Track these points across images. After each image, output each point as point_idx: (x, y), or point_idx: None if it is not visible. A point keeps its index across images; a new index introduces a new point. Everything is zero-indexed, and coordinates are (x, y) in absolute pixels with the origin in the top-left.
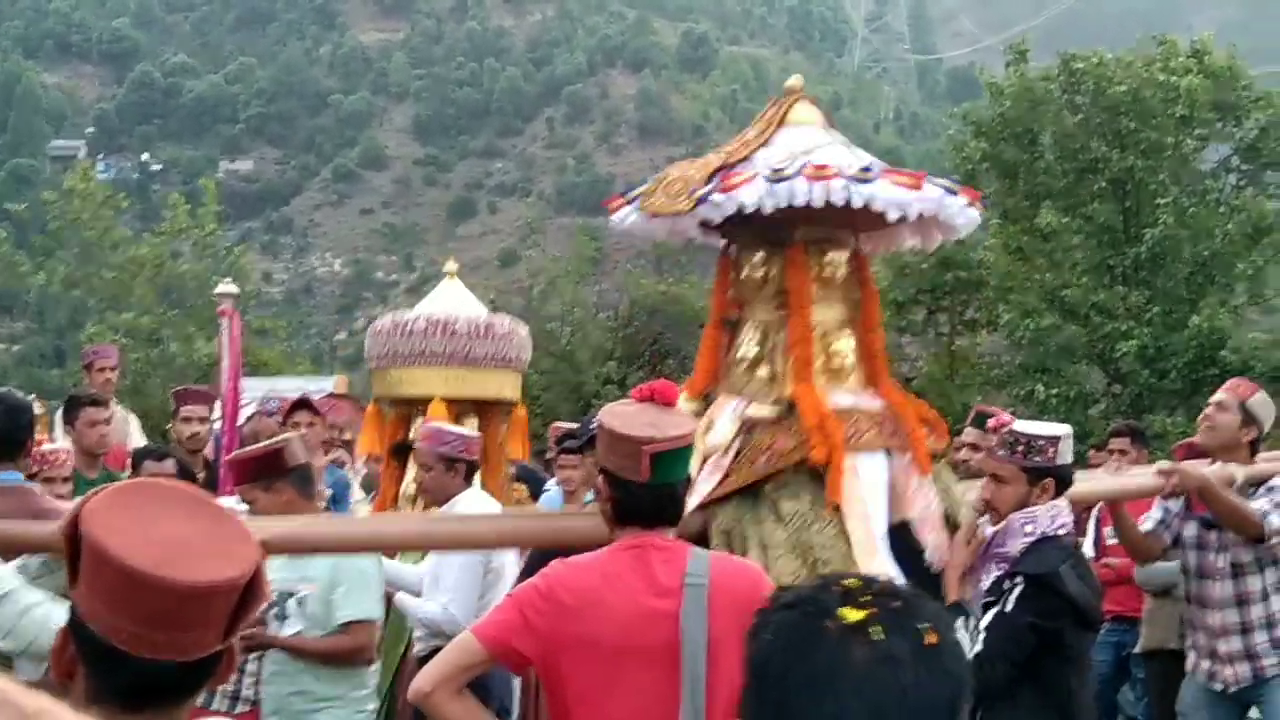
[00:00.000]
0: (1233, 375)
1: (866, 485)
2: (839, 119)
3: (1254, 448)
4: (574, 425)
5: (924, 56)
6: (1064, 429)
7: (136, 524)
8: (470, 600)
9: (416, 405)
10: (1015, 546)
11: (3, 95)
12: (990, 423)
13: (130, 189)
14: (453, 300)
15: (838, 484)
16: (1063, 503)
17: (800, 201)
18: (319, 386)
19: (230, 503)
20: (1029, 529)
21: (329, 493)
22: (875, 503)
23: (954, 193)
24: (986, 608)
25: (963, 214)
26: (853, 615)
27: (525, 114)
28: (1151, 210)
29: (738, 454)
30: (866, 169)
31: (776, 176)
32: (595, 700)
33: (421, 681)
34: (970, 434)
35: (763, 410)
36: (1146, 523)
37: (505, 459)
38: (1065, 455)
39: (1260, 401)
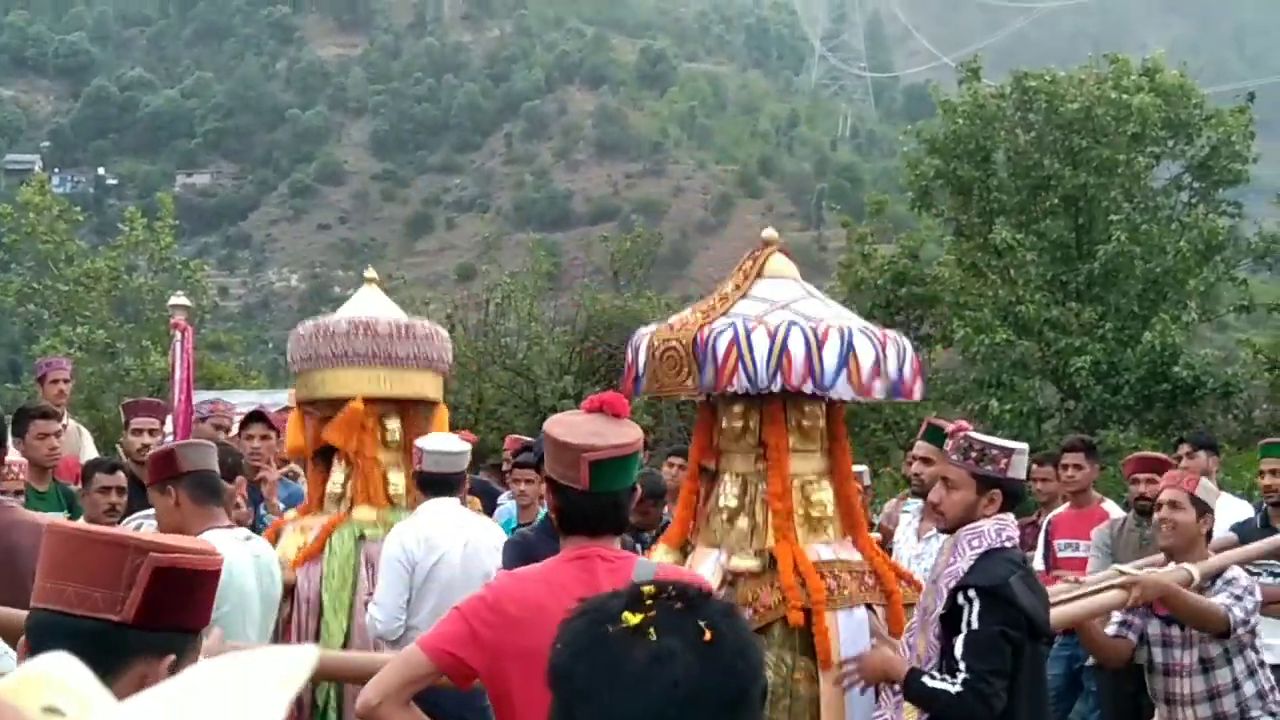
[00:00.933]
0: (1184, 391)
1: (846, 641)
2: (796, 136)
3: (1210, 534)
4: (531, 439)
5: (881, 74)
6: (1021, 446)
7: None
8: (393, 602)
9: (340, 406)
10: (964, 562)
11: None
12: (949, 427)
13: (86, 203)
14: (373, 304)
15: (827, 647)
16: (1009, 517)
17: (777, 390)
18: (274, 400)
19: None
20: (975, 543)
21: (282, 506)
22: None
23: (907, 355)
24: (942, 622)
25: (896, 390)
26: (632, 619)
27: (483, 130)
28: (1104, 227)
29: None
30: (840, 357)
31: (756, 378)
32: (542, 711)
33: (369, 694)
34: (921, 448)
35: (745, 562)
36: (1110, 627)
37: None
38: (1017, 470)
39: (1204, 489)
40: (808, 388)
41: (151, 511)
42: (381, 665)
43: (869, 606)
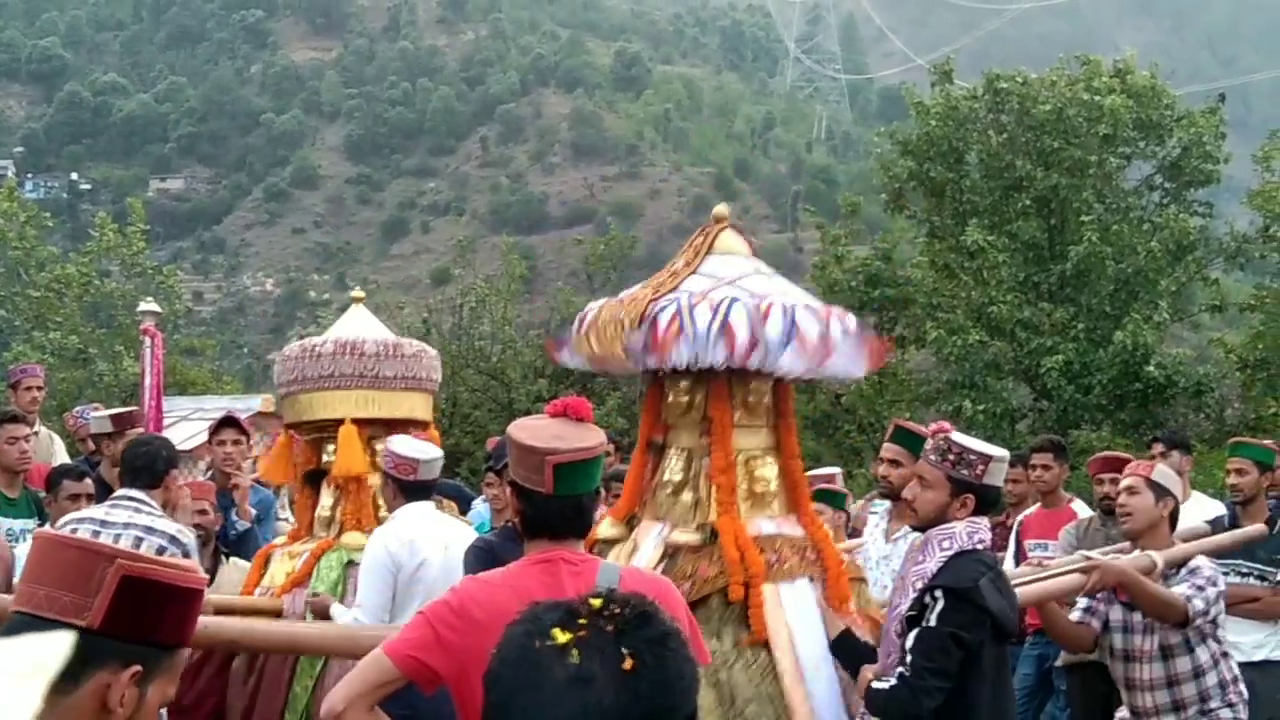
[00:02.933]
0: (1156, 390)
1: (792, 611)
2: (771, 138)
3: (1173, 519)
4: None
5: (855, 76)
6: (1001, 452)
7: None
8: (379, 608)
9: (328, 429)
10: (933, 562)
11: None
12: (932, 427)
13: (59, 208)
14: (360, 324)
15: (760, 620)
16: (982, 520)
17: (720, 365)
18: (246, 406)
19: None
20: (946, 545)
21: (253, 512)
22: (806, 628)
23: (867, 336)
24: (909, 622)
25: (856, 369)
26: (561, 637)
27: (458, 133)
28: (1076, 228)
29: None
30: (783, 340)
31: (698, 350)
32: None
33: (334, 700)
34: (889, 450)
35: (686, 536)
36: (1073, 613)
37: None
38: (994, 477)
39: (1163, 473)
40: (753, 361)
41: (81, 515)
42: (361, 644)
43: (810, 578)
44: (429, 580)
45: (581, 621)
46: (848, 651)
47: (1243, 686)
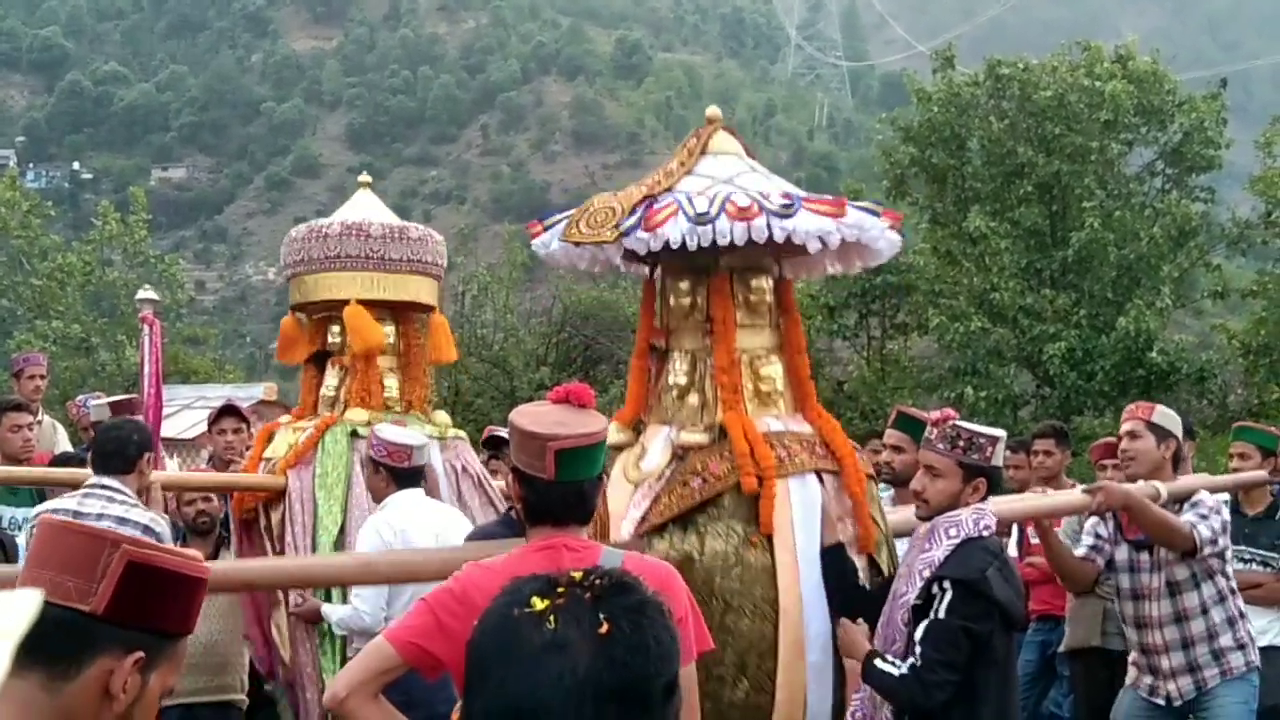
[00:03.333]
0: (1159, 377)
1: (798, 508)
2: (772, 126)
3: (1176, 461)
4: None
5: (856, 63)
6: (1000, 432)
7: None
8: (377, 594)
9: (334, 309)
10: (940, 551)
11: None
12: (933, 416)
13: (61, 198)
14: (366, 208)
15: (770, 513)
16: (987, 505)
17: (724, 241)
18: (249, 394)
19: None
20: (953, 533)
21: None
22: (808, 526)
23: (876, 214)
24: (915, 612)
25: (883, 237)
26: (539, 604)
27: (459, 121)
28: (1078, 214)
29: (669, 479)
30: (787, 204)
31: (700, 219)
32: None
33: (336, 687)
34: (891, 435)
35: (694, 436)
36: (1079, 548)
37: (427, 363)
38: (999, 458)
39: (1163, 414)
40: (759, 226)
41: (53, 505)
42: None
43: (819, 474)
44: None
45: (560, 590)
46: (834, 565)
47: (1251, 625)
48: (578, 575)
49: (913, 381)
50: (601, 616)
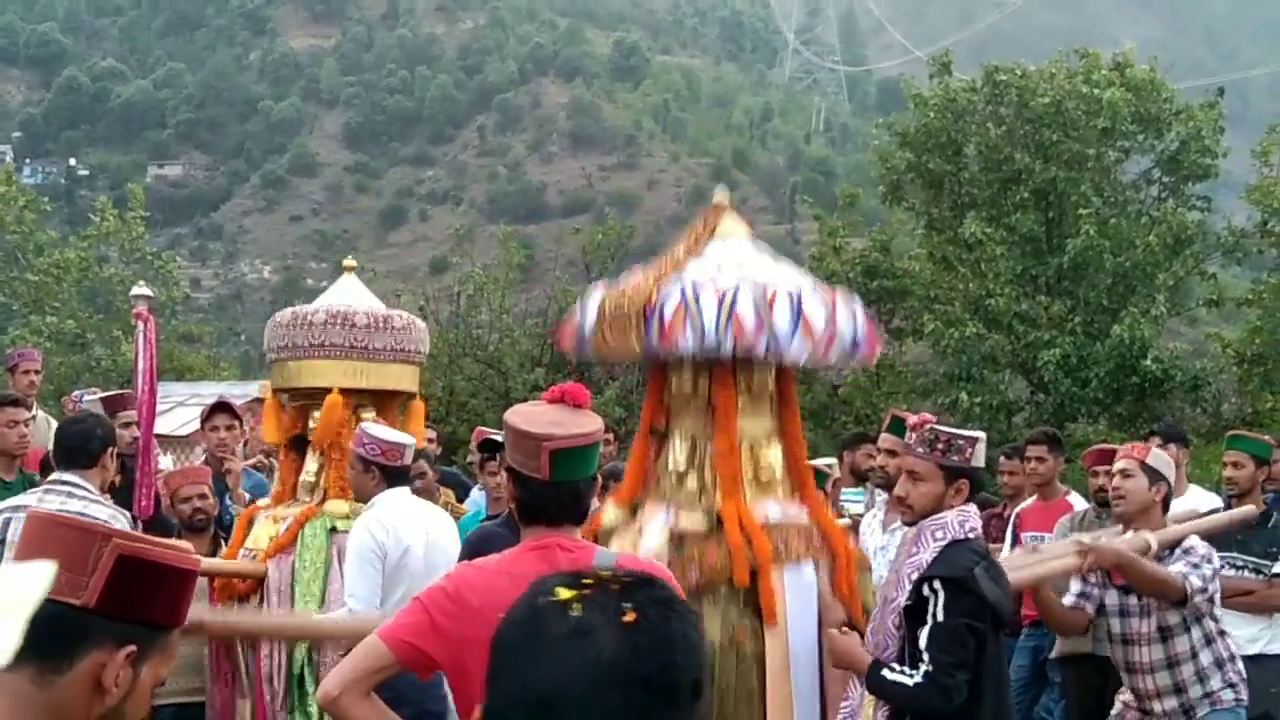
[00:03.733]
0: (1154, 384)
1: (792, 597)
2: (769, 129)
3: (1165, 504)
4: (498, 433)
5: (854, 68)
6: (979, 434)
7: None
8: (371, 594)
9: (315, 396)
10: (927, 553)
11: None
12: (911, 420)
13: (57, 193)
14: (351, 294)
15: (771, 603)
16: (971, 508)
17: (726, 355)
18: (243, 391)
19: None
20: (939, 535)
21: (247, 496)
22: (801, 613)
23: (858, 315)
24: (907, 614)
25: (857, 358)
26: (565, 594)
27: (456, 122)
28: (1074, 221)
29: (668, 565)
30: (788, 323)
31: (704, 338)
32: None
33: (329, 685)
34: (886, 440)
35: (692, 522)
36: (1067, 597)
37: None
38: (980, 458)
39: (1157, 457)
40: (760, 348)
41: (16, 501)
42: (356, 631)
43: (815, 563)
44: (412, 567)
45: (587, 582)
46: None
47: (1241, 666)
48: (605, 572)
49: (907, 387)
50: (626, 605)
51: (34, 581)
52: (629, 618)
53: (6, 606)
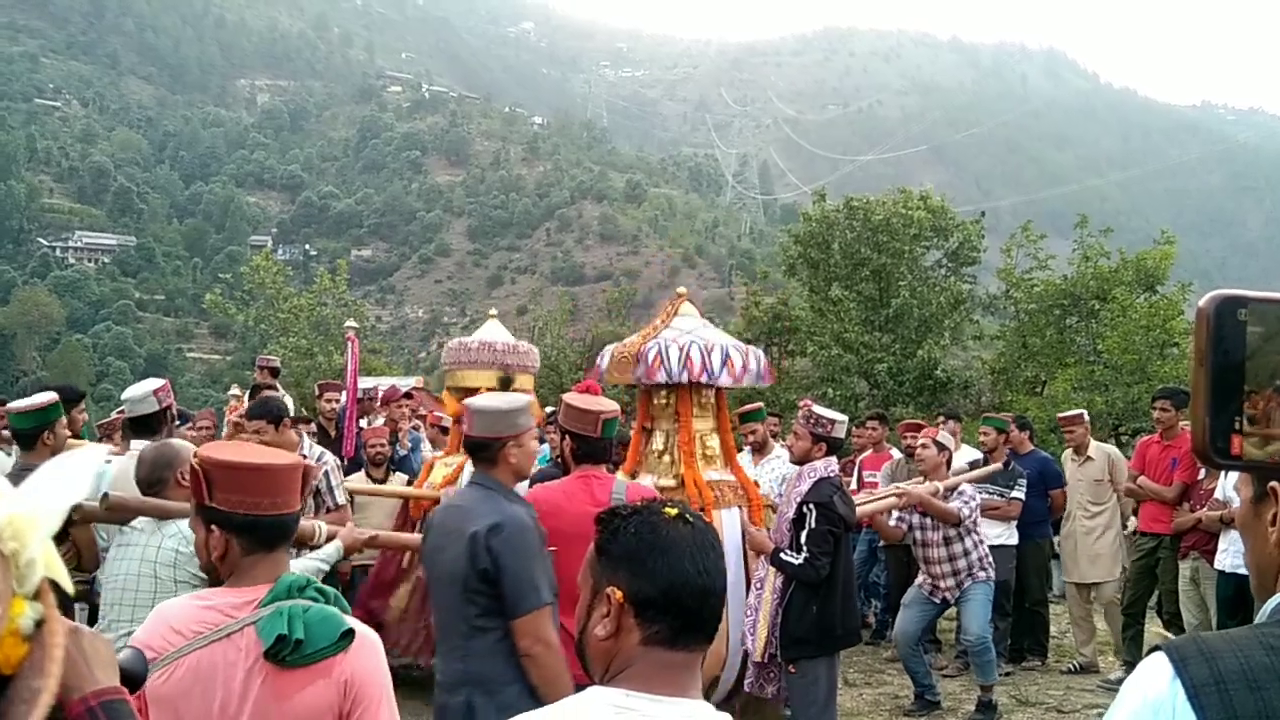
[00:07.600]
0: (941, 385)
1: (727, 525)
2: (717, 234)
3: (948, 463)
4: (553, 409)
5: (768, 197)
6: (842, 417)
7: (232, 450)
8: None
9: (472, 392)
10: (805, 485)
11: (223, 209)
12: (801, 403)
13: (297, 266)
14: (493, 331)
15: (716, 531)
16: (832, 459)
17: (685, 383)
18: (405, 383)
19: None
20: (812, 474)
21: (409, 444)
22: (733, 535)
23: (760, 360)
24: (794, 524)
25: (761, 382)
26: (671, 512)
27: (533, 225)
28: (895, 289)
29: None
30: (717, 364)
31: (670, 373)
32: (562, 565)
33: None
34: (797, 425)
35: (666, 481)
36: (891, 519)
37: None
38: (839, 432)
39: (944, 436)
40: (704, 379)
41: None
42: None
43: (739, 507)
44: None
45: (668, 506)
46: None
47: (991, 559)
48: (671, 507)
49: (797, 386)
50: (689, 516)
51: (90, 464)
52: (691, 520)
53: (67, 479)
